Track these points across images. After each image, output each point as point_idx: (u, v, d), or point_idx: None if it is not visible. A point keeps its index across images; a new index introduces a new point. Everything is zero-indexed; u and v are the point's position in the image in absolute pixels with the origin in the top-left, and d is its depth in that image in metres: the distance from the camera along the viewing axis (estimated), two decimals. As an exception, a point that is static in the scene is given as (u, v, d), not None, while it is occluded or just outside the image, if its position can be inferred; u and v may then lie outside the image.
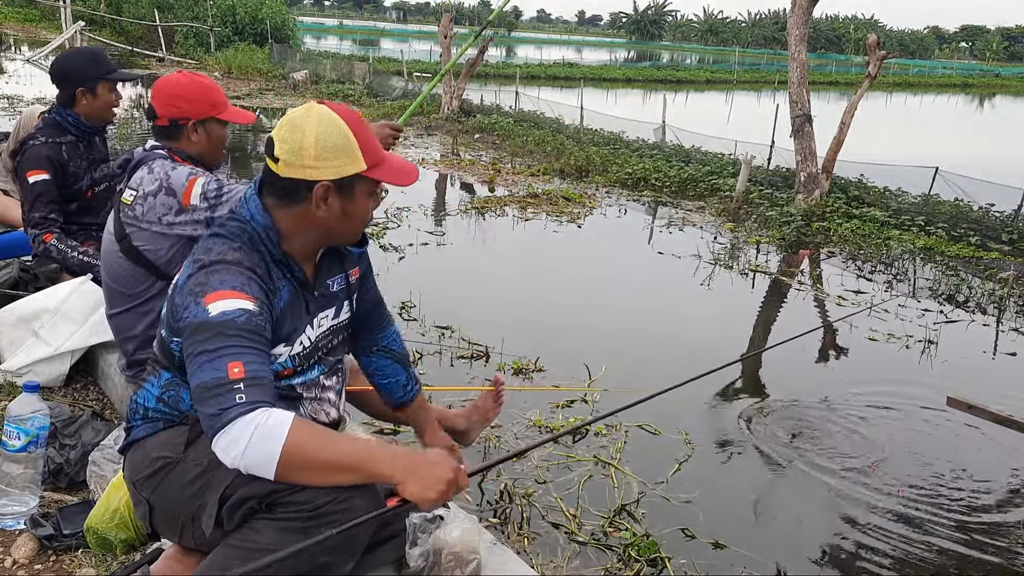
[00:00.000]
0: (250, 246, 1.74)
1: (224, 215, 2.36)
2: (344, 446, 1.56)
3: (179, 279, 1.72)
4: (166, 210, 2.43)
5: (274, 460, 1.50)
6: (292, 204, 1.75)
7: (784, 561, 3.02)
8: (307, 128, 1.71)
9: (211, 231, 1.80)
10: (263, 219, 1.76)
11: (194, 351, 1.59)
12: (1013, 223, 8.77)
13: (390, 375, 2.21)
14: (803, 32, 10.18)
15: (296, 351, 1.84)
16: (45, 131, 3.42)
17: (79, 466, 2.51)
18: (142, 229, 2.48)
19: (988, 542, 3.33)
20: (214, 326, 1.59)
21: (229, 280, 1.65)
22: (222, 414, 1.51)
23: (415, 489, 1.53)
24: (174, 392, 1.80)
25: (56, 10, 23.83)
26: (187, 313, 1.64)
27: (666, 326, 5.77)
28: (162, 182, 2.44)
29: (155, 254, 2.50)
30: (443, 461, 1.57)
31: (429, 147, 13.22)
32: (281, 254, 1.77)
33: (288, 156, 1.71)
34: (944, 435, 4.33)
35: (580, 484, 3.42)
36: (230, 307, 1.61)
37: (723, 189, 10.36)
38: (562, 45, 74.86)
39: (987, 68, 69.80)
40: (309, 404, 1.92)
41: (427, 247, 7.14)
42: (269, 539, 1.60)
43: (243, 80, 21.95)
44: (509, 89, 19.19)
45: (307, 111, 1.74)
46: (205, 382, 1.55)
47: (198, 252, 1.73)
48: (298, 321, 1.83)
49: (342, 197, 1.74)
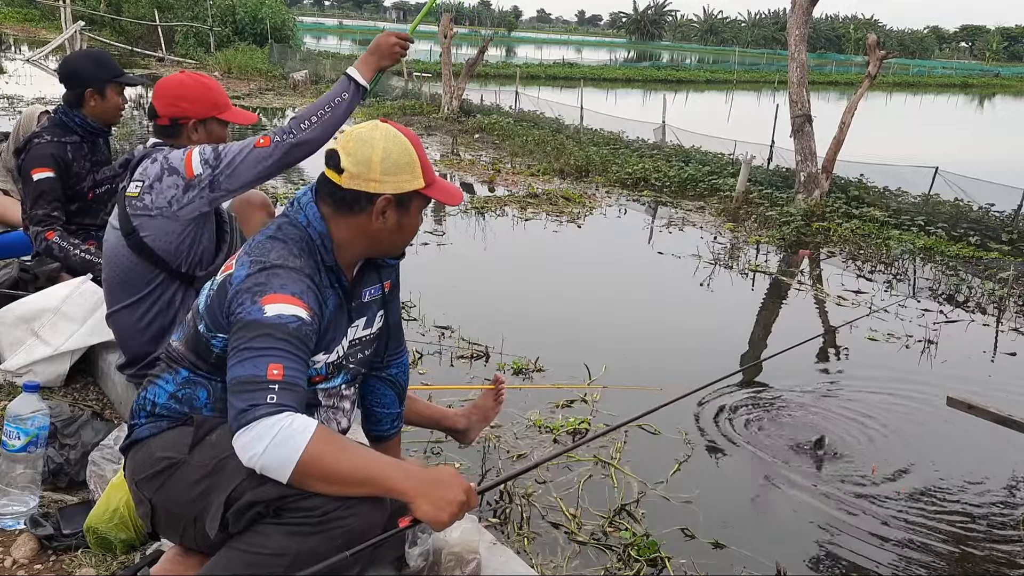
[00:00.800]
0: (308, 253, 1.78)
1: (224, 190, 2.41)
2: (360, 460, 1.57)
3: (232, 276, 1.73)
4: (175, 190, 2.43)
5: (291, 465, 1.52)
6: (350, 214, 1.80)
7: (784, 561, 3.02)
8: (375, 144, 1.78)
9: (268, 234, 1.80)
10: (320, 226, 1.80)
11: (239, 346, 1.61)
12: (1013, 223, 8.77)
13: (386, 405, 2.21)
14: (803, 32, 10.18)
15: (331, 359, 1.87)
16: (51, 130, 3.45)
17: (79, 466, 2.51)
18: (152, 218, 2.46)
19: (988, 542, 3.33)
20: (266, 326, 1.62)
21: (289, 285, 1.68)
22: (250, 410, 1.53)
23: (427, 510, 1.54)
24: (190, 391, 1.81)
25: (56, 10, 23.84)
26: (240, 309, 1.66)
27: (666, 326, 5.77)
28: (162, 165, 2.45)
29: (164, 243, 2.49)
30: (455, 482, 1.58)
31: (429, 147, 13.23)
32: (333, 262, 1.81)
33: (355, 168, 1.77)
34: (944, 435, 4.33)
35: (580, 484, 3.42)
36: (286, 312, 1.64)
37: (723, 189, 10.37)
38: (562, 45, 74.89)
39: (987, 68, 69.81)
40: (325, 412, 1.93)
41: (427, 247, 7.14)
42: (277, 544, 1.60)
43: (243, 80, 21.96)
44: (509, 89, 19.20)
45: (374, 128, 1.81)
46: (242, 376, 1.58)
47: (255, 252, 1.74)
48: (338, 330, 1.86)
49: (399, 211, 1.82)
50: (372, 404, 2.21)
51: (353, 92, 2.46)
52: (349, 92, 2.45)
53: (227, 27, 27.91)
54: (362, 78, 2.48)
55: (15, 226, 4.28)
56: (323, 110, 2.41)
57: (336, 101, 2.43)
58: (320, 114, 2.41)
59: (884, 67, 11.57)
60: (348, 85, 2.46)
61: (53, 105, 4.22)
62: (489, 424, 2.90)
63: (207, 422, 1.76)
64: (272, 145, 2.38)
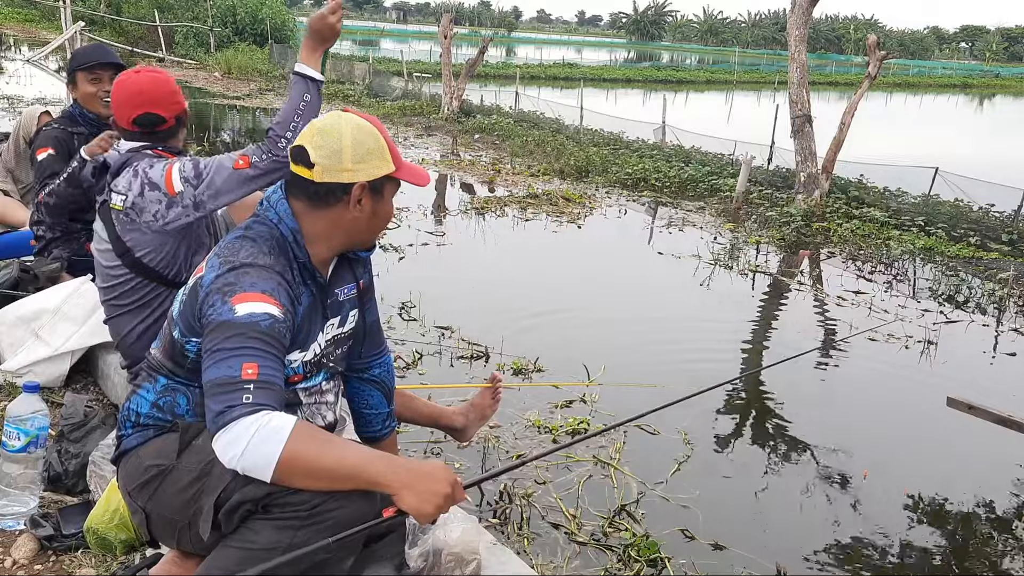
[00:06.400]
0: (279, 250, 1.77)
1: (214, 204, 2.37)
2: (343, 454, 1.56)
3: (203, 279, 1.72)
4: (158, 205, 2.39)
5: (272, 463, 1.51)
6: (325, 207, 1.80)
7: (784, 561, 3.02)
8: (343, 133, 1.77)
9: (237, 234, 1.80)
10: (291, 223, 1.80)
11: (212, 347, 1.60)
12: (1013, 223, 8.77)
13: (374, 406, 2.21)
14: (803, 32, 10.18)
15: (308, 358, 1.86)
16: (61, 120, 3.65)
17: (77, 477, 2.50)
18: (143, 233, 2.44)
19: (988, 542, 3.33)
20: (238, 326, 1.61)
21: (259, 283, 1.67)
22: (227, 412, 1.52)
23: (412, 502, 1.53)
24: (171, 398, 1.81)
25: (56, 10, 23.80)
26: (212, 311, 1.65)
27: (666, 326, 5.77)
28: (143, 179, 2.42)
29: (159, 257, 2.47)
30: (441, 474, 1.57)
31: (429, 147, 13.22)
32: (306, 258, 1.81)
33: (326, 161, 1.76)
34: (944, 435, 4.33)
35: (580, 484, 3.42)
36: (257, 310, 1.63)
37: (723, 189, 10.36)
38: (562, 45, 74.82)
39: (987, 68, 69.79)
40: (308, 409, 1.93)
41: (427, 247, 7.14)
42: (267, 538, 1.61)
43: (243, 80, 21.95)
44: (509, 89, 19.19)
45: (338, 118, 1.80)
46: (217, 378, 1.56)
47: (225, 252, 1.74)
48: (313, 328, 1.85)
49: (374, 198, 1.82)
50: (360, 407, 2.21)
51: (314, 90, 2.39)
52: (311, 92, 2.38)
53: (227, 27, 27.89)
54: (313, 71, 2.40)
55: (15, 226, 4.28)
56: (294, 120, 2.36)
57: (302, 106, 2.37)
58: (294, 126, 2.35)
59: (884, 67, 11.56)
60: (306, 84, 2.38)
61: (53, 105, 4.28)
62: (487, 422, 2.90)
63: (192, 428, 1.76)
64: (252, 167, 2.34)
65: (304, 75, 2.38)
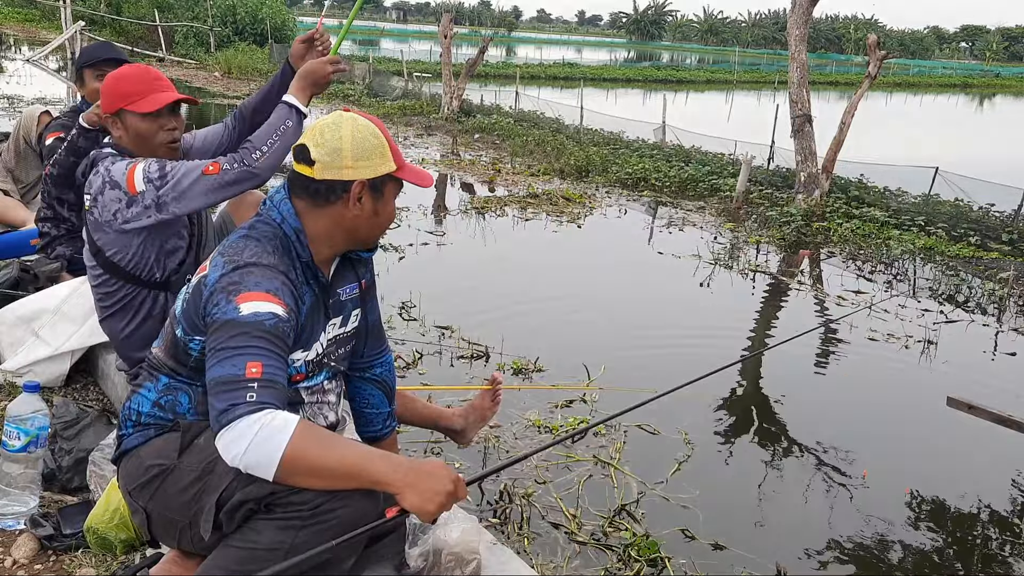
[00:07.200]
0: (282, 250, 1.78)
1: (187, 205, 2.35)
2: (345, 453, 1.57)
3: (206, 277, 1.73)
4: (117, 204, 2.36)
5: (275, 462, 1.51)
6: (325, 206, 1.80)
7: (784, 561, 3.02)
8: (343, 131, 1.79)
9: (241, 233, 1.80)
10: (294, 222, 1.81)
11: (216, 346, 1.61)
12: (1013, 223, 8.76)
13: (375, 405, 2.21)
14: (803, 32, 10.17)
15: (310, 357, 1.86)
16: (70, 114, 3.73)
17: (71, 473, 2.50)
18: (106, 233, 2.43)
19: (989, 543, 3.33)
20: (242, 325, 1.61)
21: (264, 283, 1.68)
22: (230, 410, 1.53)
23: (414, 500, 1.54)
24: (172, 397, 1.80)
25: (56, 10, 23.81)
26: (216, 310, 1.65)
27: (666, 326, 5.77)
28: (104, 177, 2.39)
29: (126, 257, 2.45)
30: (442, 473, 1.57)
31: (429, 147, 13.22)
32: (309, 257, 1.81)
33: (327, 158, 1.77)
34: (944, 435, 4.33)
35: (580, 484, 3.42)
36: (262, 309, 1.64)
37: (723, 189, 10.36)
38: (562, 45, 74.84)
39: (987, 68, 69.81)
40: (310, 408, 1.93)
41: (427, 247, 7.14)
42: (269, 538, 1.61)
43: (243, 80, 21.95)
44: (509, 89, 19.19)
45: (339, 117, 1.82)
46: (221, 376, 1.57)
47: (229, 252, 1.74)
48: (316, 327, 1.86)
49: (374, 196, 1.82)
50: (361, 406, 2.21)
51: (296, 119, 2.43)
52: (292, 120, 2.42)
53: (227, 27, 27.89)
54: (300, 104, 2.45)
55: (15, 226, 4.28)
56: (271, 139, 2.38)
57: (282, 129, 2.40)
58: (269, 143, 2.37)
59: (884, 67, 11.56)
60: (290, 112, 2.43)
61: (53, 105, 4.31)
62: (487, 424, 2.90)
63: (193, 427, 1.76)
64: (221, 172, 2.33)
65: (291, 104, 2.44)
